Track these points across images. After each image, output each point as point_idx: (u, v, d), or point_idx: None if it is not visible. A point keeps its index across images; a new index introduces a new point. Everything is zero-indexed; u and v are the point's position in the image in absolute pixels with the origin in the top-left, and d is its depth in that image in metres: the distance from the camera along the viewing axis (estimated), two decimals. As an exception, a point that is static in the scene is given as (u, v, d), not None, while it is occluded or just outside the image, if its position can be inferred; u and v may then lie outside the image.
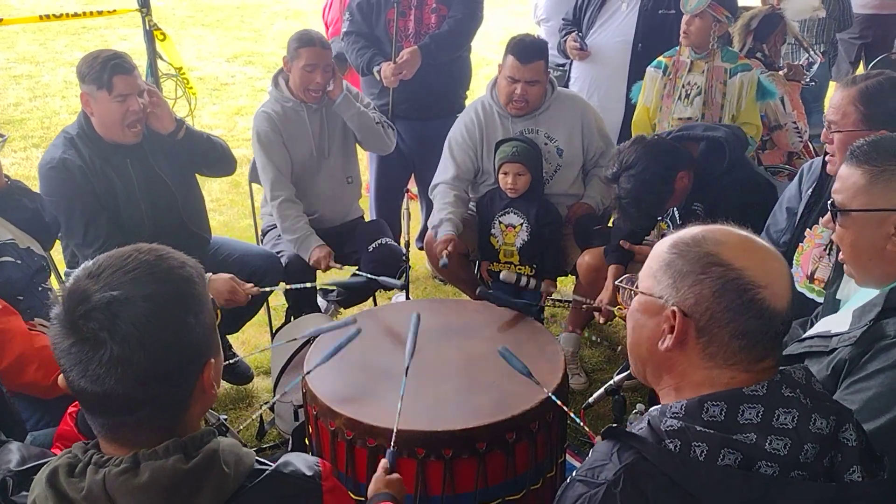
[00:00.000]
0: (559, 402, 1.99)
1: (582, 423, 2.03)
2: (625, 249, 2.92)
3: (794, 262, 2.33)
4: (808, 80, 4.14)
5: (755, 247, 1.15)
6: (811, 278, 2.27)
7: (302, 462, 1.15)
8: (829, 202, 1.59)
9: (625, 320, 1.31)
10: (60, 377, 1.09)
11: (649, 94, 3.39)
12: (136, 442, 1.05)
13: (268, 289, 2.76)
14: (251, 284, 2.66)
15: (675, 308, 1.14)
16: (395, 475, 1.70)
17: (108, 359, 0.99)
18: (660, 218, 2.93)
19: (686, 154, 2.77)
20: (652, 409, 1.18)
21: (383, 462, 1.75)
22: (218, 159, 3.02)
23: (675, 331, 1.15)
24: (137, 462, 1.02)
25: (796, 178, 2.45)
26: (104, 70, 2.60)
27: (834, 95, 2.17)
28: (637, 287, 1.24)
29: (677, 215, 2.85)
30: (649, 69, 3.40)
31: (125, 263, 1.04)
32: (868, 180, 1.51)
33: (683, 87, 3.27)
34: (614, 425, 1.17)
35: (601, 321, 2.96)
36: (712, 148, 2.76)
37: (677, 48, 3.33)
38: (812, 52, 4.29)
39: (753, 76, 3.26)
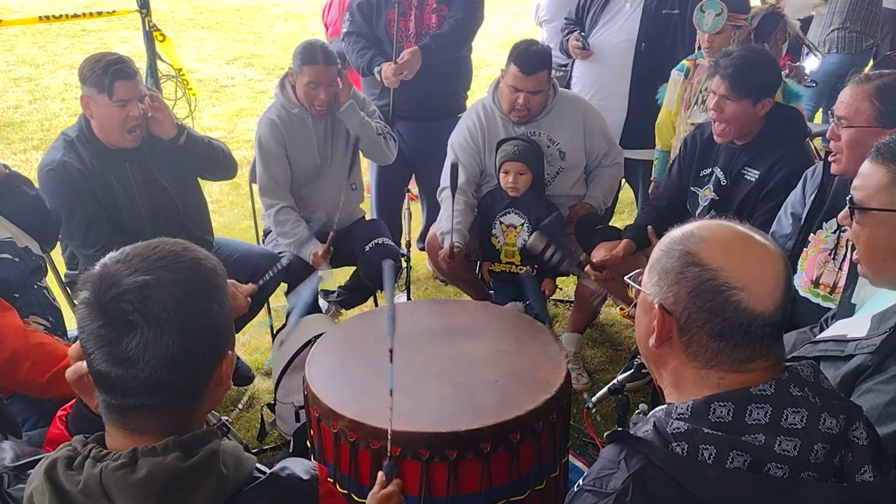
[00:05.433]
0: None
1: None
2: (646, 232, 2.86)
3: (799, 267, 2.31)
4: (808, 80, 4.14)
5: (741, 247, 1.12)
6: (816, 283, 2.26)
7: (299, 466, 1.16)
8: (848, 198, 1.55)
9: (627, 318, 1.31)
10: (79, 364, 1.10)
11: (671, 98, 3.36)
12: (145, 428, 1.06)
13: (263, 279, 2.52)
14: (250, 285, 2.58)
15: (658, 305, 1.14)
16: (391, 488, 1.61)
17: (138, 341, 1.01)
18: (702, 186, 2.88)
19: (773, 91, 2.73)
20: (657, 409, 1.16)
21: (380, 477, 1.66)
22: (219, 164, 3.00)
23: (657, 328, 1.14)
24: (135, 458, 1.02)
25: (800, 183, 2.42)
26: (106, 74, 2.58)
27: (844, 92, 2.09)
28: (636, 283, 1.23)
29: (721, 178, 2.79)
30: (673, 71, 3.36)
31: (154, 252, 1.07)
32: (892, 179, 1.46)
33: (701, 92, 3.21)
34: (619, 429, 1.14)
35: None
36: (786, 113, 2.70)
37: (702, 52, 3.25)
38: (814, 50, 4.28)
39: None
